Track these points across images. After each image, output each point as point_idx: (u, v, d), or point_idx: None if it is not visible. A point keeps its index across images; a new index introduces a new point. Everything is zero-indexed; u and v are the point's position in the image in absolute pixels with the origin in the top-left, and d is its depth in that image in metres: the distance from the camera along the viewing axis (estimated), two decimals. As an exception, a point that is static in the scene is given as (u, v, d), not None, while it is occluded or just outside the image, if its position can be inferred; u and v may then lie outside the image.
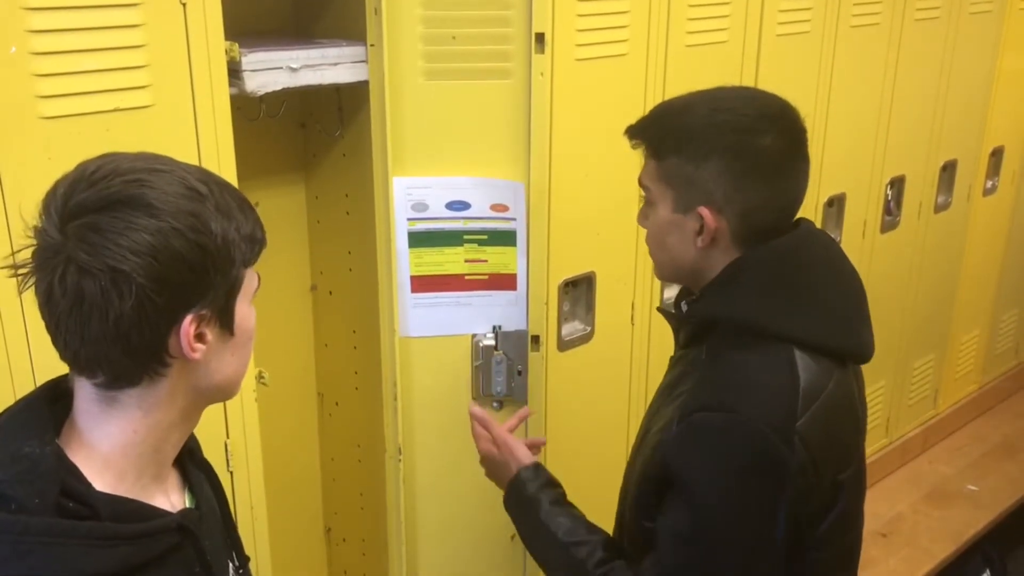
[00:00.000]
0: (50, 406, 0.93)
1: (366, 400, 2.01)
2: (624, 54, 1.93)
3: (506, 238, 1.84)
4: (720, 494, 1.16)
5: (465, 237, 1.83)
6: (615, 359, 2.16)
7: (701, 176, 1.19)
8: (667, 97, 2.00)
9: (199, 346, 0.89)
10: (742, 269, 1.21)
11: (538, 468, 1.46)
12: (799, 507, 1.17)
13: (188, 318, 0.87)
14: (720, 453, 1.16)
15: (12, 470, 0.85)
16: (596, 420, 2.17)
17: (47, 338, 0.89)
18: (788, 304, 1.20)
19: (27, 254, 0.86)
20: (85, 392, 0.91)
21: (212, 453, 1.54)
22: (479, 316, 1.89)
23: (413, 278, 1.84)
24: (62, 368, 0.92)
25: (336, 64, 1.69)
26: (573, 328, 2.06)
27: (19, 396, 0.96)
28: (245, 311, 0.94)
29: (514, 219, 1.83)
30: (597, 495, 2.25)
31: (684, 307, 1.36)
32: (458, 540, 2.03)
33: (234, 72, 1.53)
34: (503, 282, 1.88)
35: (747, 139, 1.19)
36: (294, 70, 1.63)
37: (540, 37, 1.73)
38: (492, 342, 1.90)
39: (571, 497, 2.14)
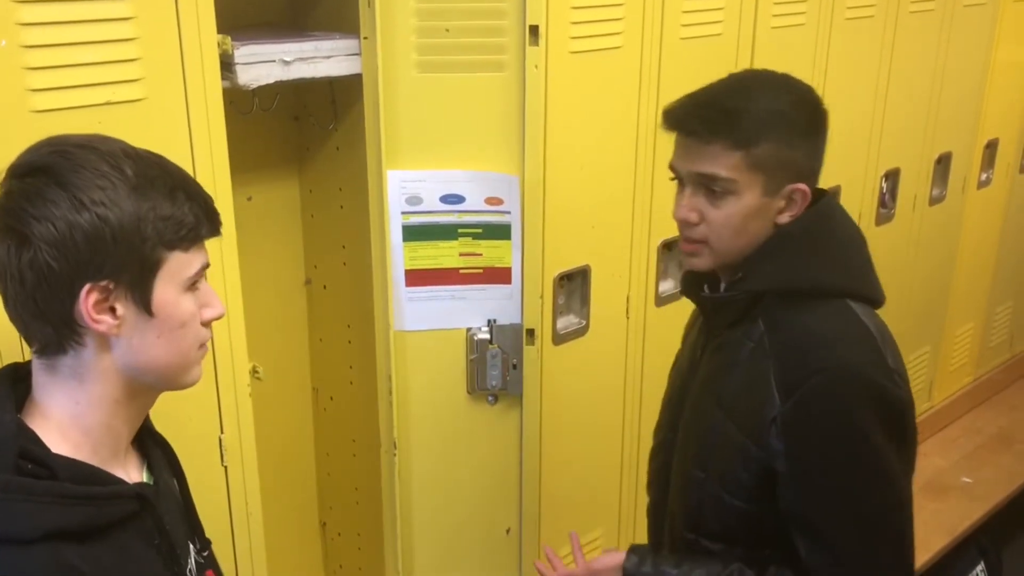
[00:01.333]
0: (11, 385, 0.98)
1: (361, 394, 2.01)
2: (619, 47, 1.92)
3: (501, 231, 1.84)
4: (866, 446, 1.21)
5: (459, 231, 1.83)
6: (610, 352, 2.16)
7: (795, 156, 1.24)
8: (662, 89, 2.03)
9: (104, 318, 0.92)
10: (788, 237, 1.27)
11: (633, 554, 1.41)
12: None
13: (87, 287, 0.90)
14: (850, 408, 1.20)
15: None
16: (591, 413, 2.17)
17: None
18: (832, 262, 1.29)
19: None
20: (35, 366, 0.97)
21: (206, 448, 1.55)
22: (474, 310, 1.89)
23: (407, 272, 1.83)
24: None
25: (329, 57, 1.69)
26: (568, 321, 2.06)
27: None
28: (171, 294, 0.96)
29: (508, 212, 1.83)
30: (593, 487, 2.26)
31: (707, 289, 1.36)
32: (453, 534, 2.03)
33: (227, 65, 1.52)
34: (498, 276, 1.87)
35: (819, 110, 1.28)
36: (287, 63, 1.62)
37: (534, 29, 1.72)
38: (487, 336, 1.90)
39: (567, 490, 2.15)
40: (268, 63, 1.60)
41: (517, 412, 1.97)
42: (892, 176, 2.87)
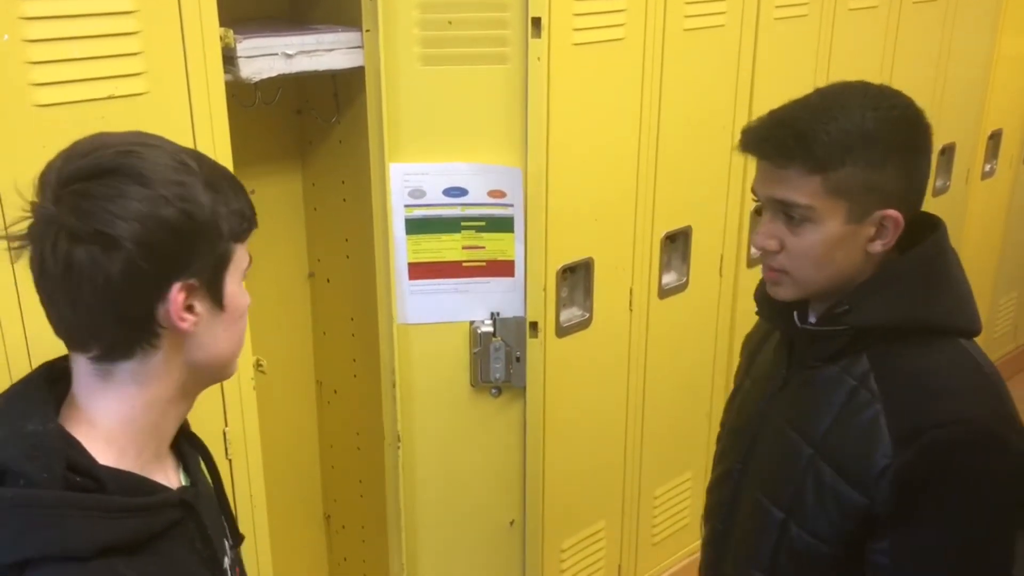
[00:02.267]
0: (49, 387, 0.94)
1: (365, 387, 2.01)
2: (621, 38, 1.92)
3: (504, 224, 1.84)
4: (987, 513, 1.14)
5: (463, 223, 1.83)
6: (613, 345, 2.16)
7: (881, 180, 1.13)
8: (665, 81, 2.02)
9: (188, 316, 0.90)
10: (902, 271, 1.18)
11: None
12: None
13: (176, 286, 0.88)
14: (976, 465, 1.12)
15: (18, 448, 0.87)
16: (595, 405, 2.17)
17: (43, 317, 0.90)
18: (945, 298, 1.19)
19: (23, 228, 0.88)
20: (82, 368, 0.92)
21: (211, 441, 1.54)
22: (477, 303, 1.89)
23: (411, 265, 1.83)
24: (57, 346, 0.93)
25: (332, 50, 1.68)
26: (571, 314, 2.06)
27: (14, 373, 0.97)
28: (235, 288, 0.95)
29: (512, 205, 1.82)
30: (596, 479, 2.26)
31: (796, 318, 1.27)
32: (457, 526, 2.04)
33: (229, 59, 1.52)
34: (501, 268, 1.87)
35: (914, 131, 1.17)
36: (289, 56, 1.62)
37: (537, 22, 1.72)
38: (490, 329, 1.90)
39: (568, 483, 2.15)
40: (270, 56, 1.60)
41: (520, 405, 1.97)
42: (895, 167, 2.86)
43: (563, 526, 2.19)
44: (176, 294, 0.88)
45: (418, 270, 1.84)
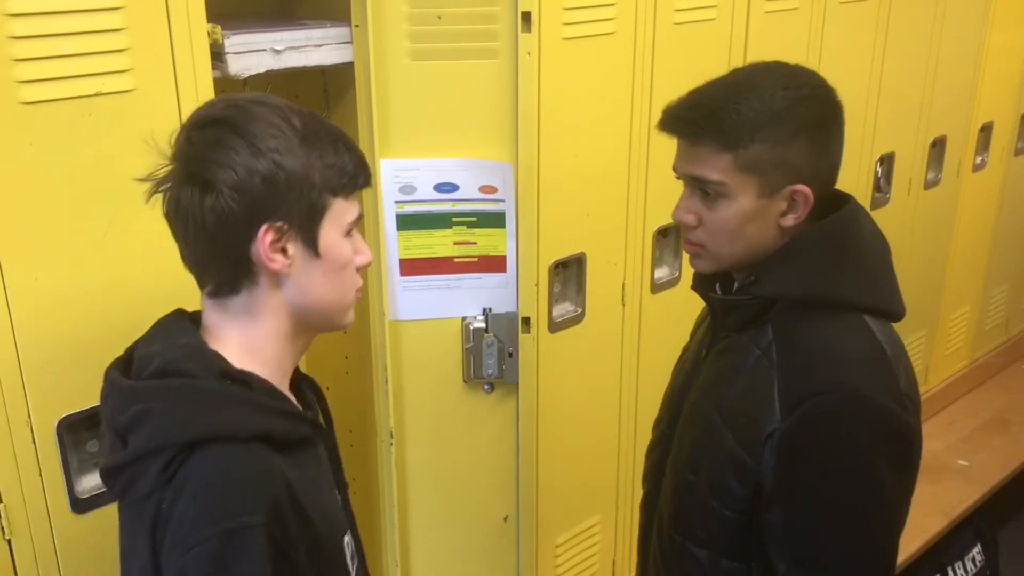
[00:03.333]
0: (188, 320, 1.08)
1: (357, 384, 2.00)
2: (612, 32, 1.91)
3: (495, 220, 1.83)
4: (864, 474, 1.17)
5: (454, 219, 1.82)
6: (606, 340, 2.16)
7: (790, 155, 1.18)
8: (656, 74, 2.02)
9: (278, 257, 1.01)
10: (806, 244, 1.22)
11: None
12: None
13: (264, 227, 0.99)
14: (853, 433, 1.16)
15: (177, 353, 1.01)
16: (588, 401, 2.17)
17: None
18: (852, 273, 1.23)
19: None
20: (207, 305, 1.06)
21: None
22: (469, 299, 1.88)
23: (402, 261, 1.83)
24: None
25: (321, 45, 1.68)
26: (564, 309, 2.05)
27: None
28: (334, 238, 1.04)
29: (503, 200, 1.82)
30: (589, 474, 2.26)
31: (720, 290, 1.33)
32: (450, 522, 2.04)
33: (217, 55, 1.51)
34: (493, 264, 1.87)
35: (821, 108, 1.21)
36: (278, 52, 1.61)
37: (526, 16, 1.71)
38: (483, 324, 1.90)
39: (562, 479, 2.15)
40: (259, 52, 1.59)
41: (513, 400, 1.97)
42: (887, 160, 2.86)
43: (557, 522, 2.19)
44: (264, 234, 0.99)
45: (409, 266, 1.84)
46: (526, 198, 1.83)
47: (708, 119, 1.18)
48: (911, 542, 2.82)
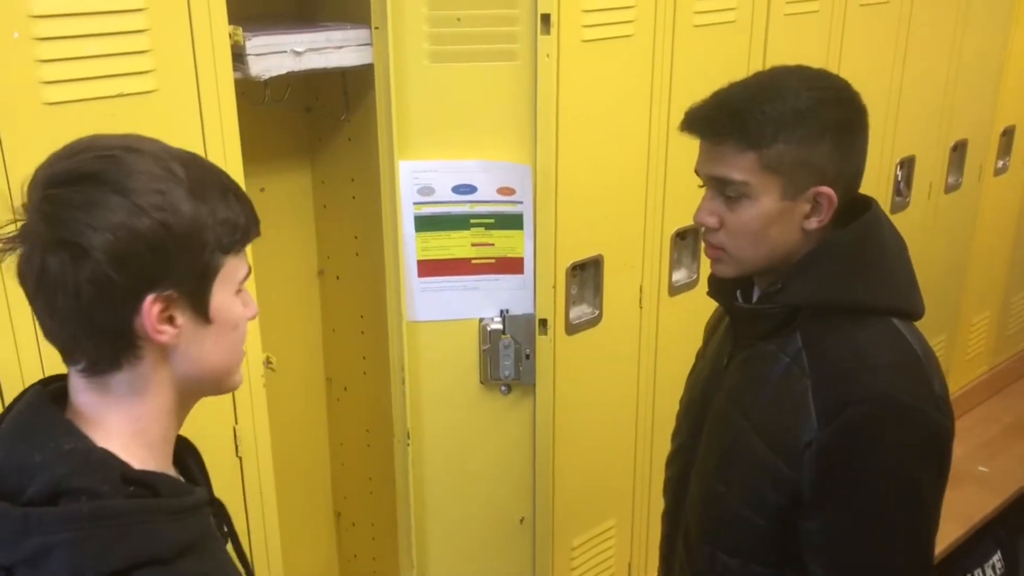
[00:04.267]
0: (54, 407, 0.92)
1: (374, 385, 2.01)
2: (631, 35, 1.91)
3: (513, 221, 1.83)
4: (906, 482, 1.17)
5: (472, 221, 1.83)
6: (623, 342, 2.16)
7: (815, 156, 1.17)
8: (675, 77, 2.01)
9: (166, 328, 0.88)
10: (833, 250, 1.21)
11: None
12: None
13: (150, 298, 0.86)
14: (893, 441, 1.15)
15: (66, 466, 0.85)
16: (605, 403, 2.17)
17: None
18: (878, 277, 1.22)
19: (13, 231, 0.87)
20: (79, 385, 0.91)
21: (220, 439, 1.56)
22: (486, 300, 1.89)
23: (420, 262, 1.83)
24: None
25: (341, 47, 1.68)
26: (581, 312, 2.05)
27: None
28: (226, 299, 0.92)
29: (521, 202, 1.82)
30: (606, 476, 2.26)
31: (740, 297, 1.31)
32: (467, 523, 2.04)
33: (238, 56, 1.52)
34: (510, 266, 1.87)
35: (845, 110, 1.21)
36: (299, 54, 1.62)
37: (546, 18, 1.71)
38: (500, 326, 1.90)
39: (578, 481, 2.15)
40: (280, 54, 1.60)
41: (530, 402, 1.97)
42: (907, 163, 2.84)
43: (573, 524, 2.19)
44: (150, 306, 0.86)
45: (427, 267, 1.84)
46: (544, 200, 1.83)
47: (732, 118, 1.17)
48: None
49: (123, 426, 0.91)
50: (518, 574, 2.09)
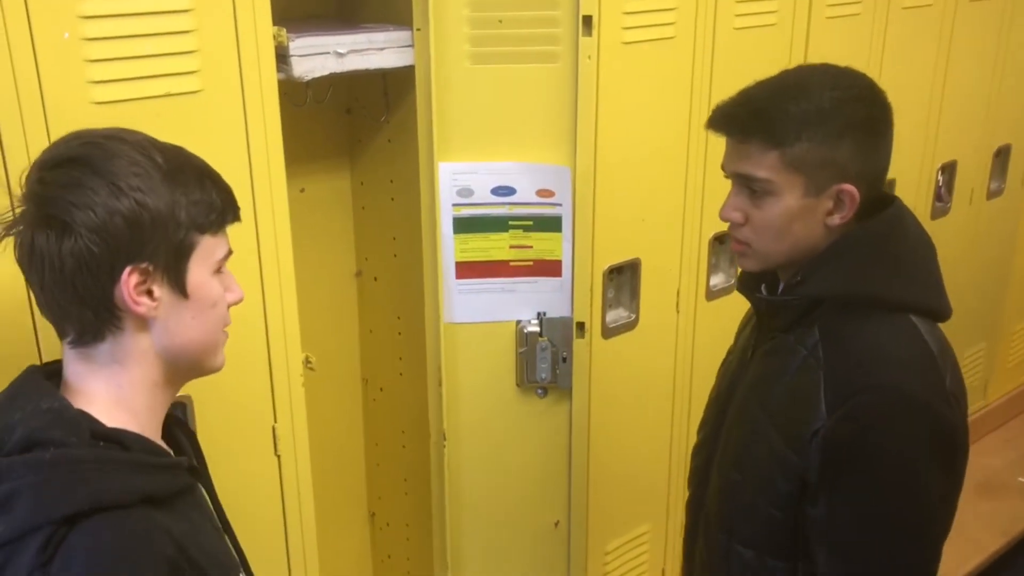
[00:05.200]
0: (44, 379, 1.01)
1: (411, 386, 2.01)
2: (672, 37, 1.90)
3: (551, 224, 1.83)
4: (908, 476, 1.18)
5: (510, 223, 1.83)
6: (660, 347, 2.15)
7: (837, 155, 1.19)
8: (715, 80, 2.00)
9: (143, 300, 0.96)
10: (852, 244, 1.23)
11: None
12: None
13: (128, 270, 0.94)
14: (897, 431, 1.17)
15: (41, 421, 0.94)
16: (641, 407, 2.16)
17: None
18: (898, 273, 1.24)
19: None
20: (68, 356, 1.00)
21: (260, 437, 1.56)
22: (524, 302, 1.88)
23: (458, 264, 1.84)
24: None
25: (383, 49, 1.69)
26: (618, 315, 2.04)
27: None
28: (204, 276, 1.00)
29: (560, 205, 1.82)
30: (641, 481, 2.25)
31: (765, 291, 1.34)
32: (502, 526, 2.03)
33: (282, 57, 1.53)
34: (548, 268, 1.87)
35: (869, 109, 1.22)
36: (341, 55, 1.63)
37: (587, 20, 1.71)
38: (537, 328, 1.89)
39: (613, 486, 2.14)
40: (322, 55, 1.61)
41: (566, 405, 1.96)
42: (949, 169, 2.81)
43: (608, 528, 2.18)
44: (127, 277, 0.94)
45: (465, 269, 1.84)
46: (583, 202, 1.82)
47: (756, 117, 1.20)
48: (967, 560, 2.76)
49: (106, 392, 0.99)
50: (552, 578, 2.08)
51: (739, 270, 1.37)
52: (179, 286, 0.99)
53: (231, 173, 1.41)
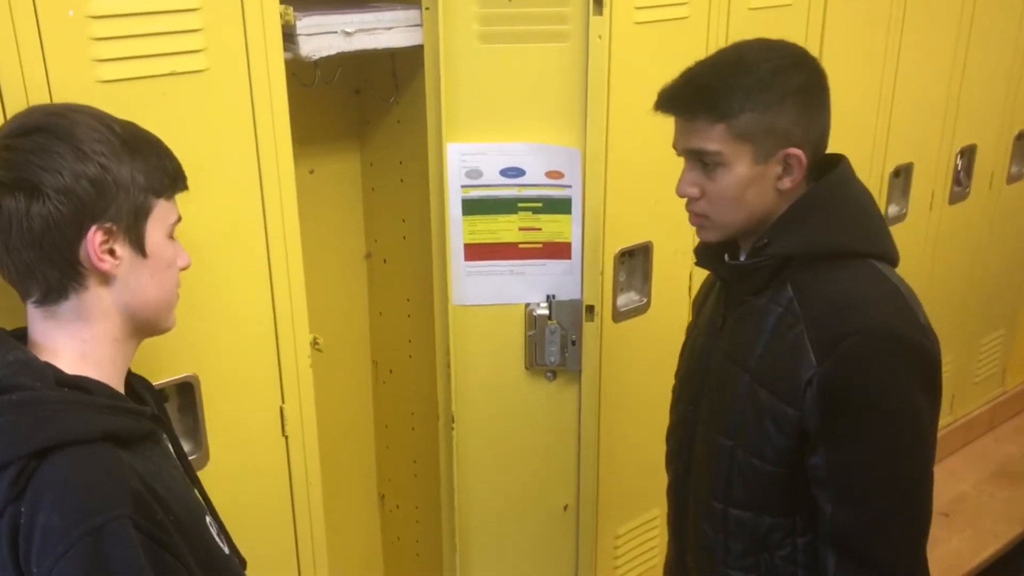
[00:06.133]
0: (10, 337, 1.08)
1: (420, 368, 2.01)
2: (685, 17, 1.88)
3: (561, 206, 1.82)
4: (904, 405, 1.23)
5: (519, 205, 1.81)
6: (671, 331, 2.11)
7: (780, 121, 1.25)
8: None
9: (108, 258, 1.03)
10: (811, 202, 1.30)
11: None
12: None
13: (93, 228, 1.01)
14: (890, 368, 1.22)
15: (8, 369, 1.01)
16: (651, 392, 2.13)
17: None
18: (856, 224, 1.31)
19: None
20: (34, 316, 1.07)
21: (268, 418, 1.56)
22: (533, 285, 1.87)
23: (467, 246, 1.82)
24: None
25: (391, 28, 1.68)
26: (629, 299, 2.03)
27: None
28: (160, 238, 1.08)
29: (569, 186, 1.80)
30: (651, 466, 2.23)
31: (727, 259, 1.38)
32: (511, 509, 2.03)
33: (289, 36, 1.52)
34: (557, 251, 1.85)
35: (803, 75, 1.28)
36: (349, 34, 1.62)
37: (598, -1, 1.69)
38: (546, 311, 1.88)
39: (623, 469, 2.13)
40: (330, 34, 1.59)
41: (575, 389, 1.95)
42: (968, 153, 2.77)
43: (617, 512, 2.17)
44: (93, 235, 1.01)
45: (474, 251, 1.83)
46: (593, 184, 1.81)
47: (699, 94, 1.26)
48: (983, 548, 2.74)
49: (71, 346, 1.06)
50: (561, 561, 2.08)
51: (695, 245, 1.43)
52: (139, 246, 1.06)
53: (238, 153, 1.42)
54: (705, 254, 1.41)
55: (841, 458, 1.25)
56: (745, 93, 1.24)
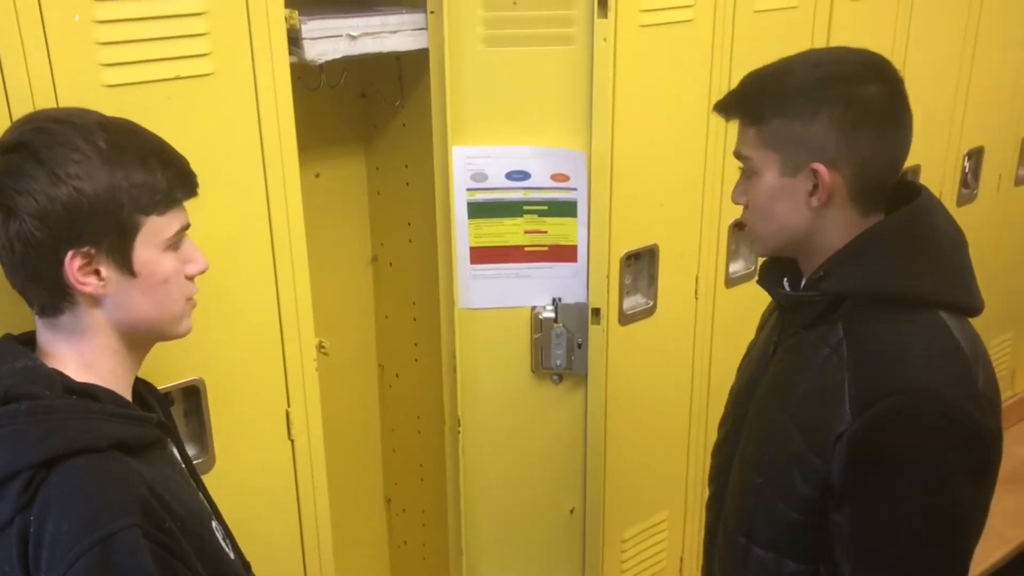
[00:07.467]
0: (18, 343, 1.08)
1: (426, 371, 2.01)
2: (690, 20, 1.87)
3: (567, 209, 1.81)
4: (934, 479, 1.12)
5: (525, 208, 1.81)
6: (678, 334, 2.13)
7: (811, 132, 1.16)
8: (734, 64, 1.97)
9: (90, 280, 1.02)
10: (877, 237, 1.18)
11: None
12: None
13: (70, 254, 1.00)
14: (926, 436, 1.11)
15: (17, 377, 1.01)
16: (658, 395, 2.14)
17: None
18: (926, 267, 1.19)
19: None
20: (39, 325, 1.08)
21: (273, 421, 1.56)
22: (539, 288, 1.87)
23: (472, 249, 1.82)
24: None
25: (396, 32, 1.68)
26: (635, 302, 2.02)
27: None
28: (151, 255, 1.05)
29: (575, 189, 1.80)
30: (658, 469, 2.23)
31: (788, 285, 1.30)
32: (517, 513, 2.03)
33: (294, 40, 1.52)
34: (563, 254, 1.85)
35: (854, 89, 1.17)
36: (354, 38, 1.62)
37: (603, 1, 1.69)
38: (552, 315, 1.88)
39: (630, 473, 2.12)
40: (335, 38, 1.60)
41: (582, 392, 1.95)
42: (975, 154, 2.76)
43: (624, 516, 2.17)
44: (70, 261, 1.00)
45: (480, 254, 1.83)
46: (598, 187, 1.80)
47: (739, 96, 1.23)
48: (992, 552, 2.72)
49: (73, 358, 1.06)
50: (568, 565, 2.08)
51: (759, 263, 1.36)
52: (125, 266, 1.03)
53: (243, 157, 1.43)
54: (767, 274, 1.32)
55: (863, 524, 1.15)
56: (779, 98, 1.17)
